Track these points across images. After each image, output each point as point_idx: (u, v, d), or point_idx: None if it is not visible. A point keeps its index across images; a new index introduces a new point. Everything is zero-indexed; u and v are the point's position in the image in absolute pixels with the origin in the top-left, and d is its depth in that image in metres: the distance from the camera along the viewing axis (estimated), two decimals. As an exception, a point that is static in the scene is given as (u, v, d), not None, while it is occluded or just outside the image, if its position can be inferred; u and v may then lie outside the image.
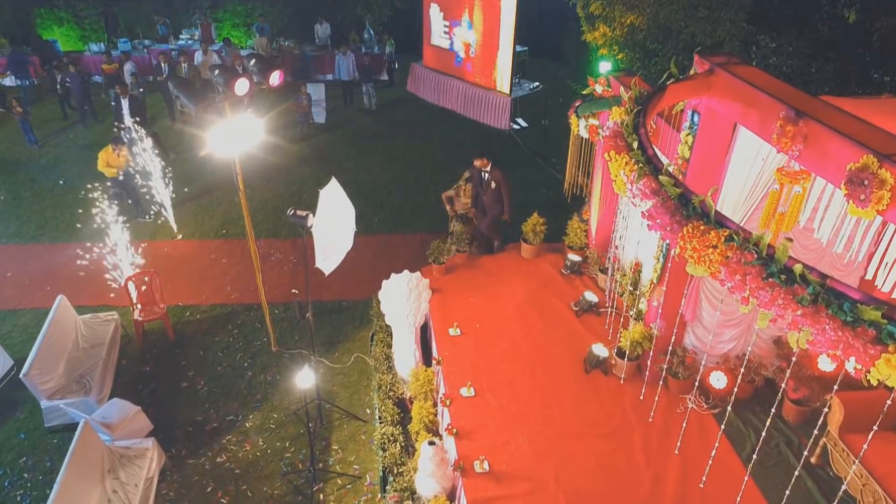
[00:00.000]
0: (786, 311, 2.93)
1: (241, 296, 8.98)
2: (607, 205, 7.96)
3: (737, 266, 3.07)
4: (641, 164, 3.75)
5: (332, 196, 5.43)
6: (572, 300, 7.79)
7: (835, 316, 2.78)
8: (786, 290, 2.92)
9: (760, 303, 3.04)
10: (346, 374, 7.70)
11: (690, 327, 6.43)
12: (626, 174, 3.86)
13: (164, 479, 6.36)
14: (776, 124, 4.14)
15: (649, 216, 3.64)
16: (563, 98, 15.98)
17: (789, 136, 3.99)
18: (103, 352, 7.38)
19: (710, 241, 3.16)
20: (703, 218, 3.34)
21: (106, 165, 9.95)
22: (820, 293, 2.86)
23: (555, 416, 6.24)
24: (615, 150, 4.02)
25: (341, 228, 5.60)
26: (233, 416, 7.10)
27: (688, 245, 3.28)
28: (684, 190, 3.54)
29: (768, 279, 2.98)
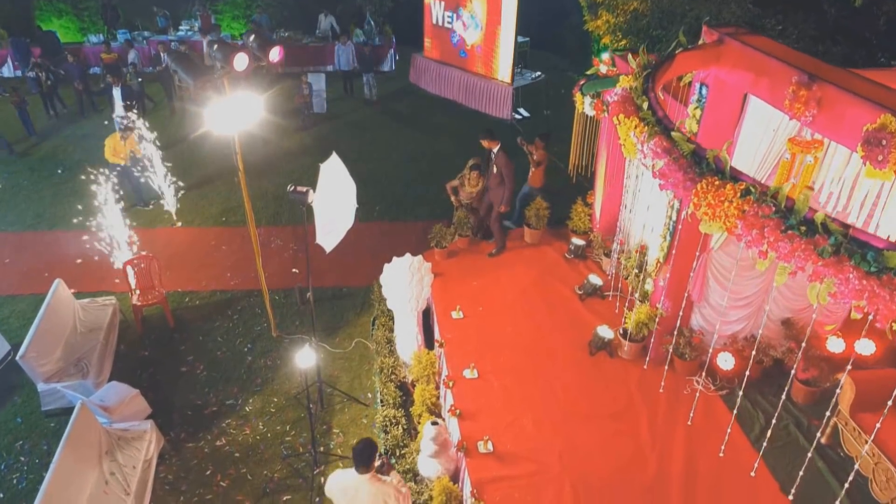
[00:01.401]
0: (806, 262, 2.83)
1: (240, 282, 8.88)
2: (612, 187, 7.85)
3: (754, 220, 2.96)
4: (652, 123, 3.65)
5: (332, 171, 5.33)
6: (576, 284, 7.69)
7: (858, 266, 2.67)
8: (806, 242, 2.82)
9: (780, 255, 2.93)
10: (348, 358, 7.60)
11: (697, 307, 6.32)
12: (637, 135, 3.75)
13: (163, 462, 6.26)
14: (788, 90, 4.03)
15: (661, 175, 3.54)
16: (565, 88, 15.90)
17: (802, 101, 3.88)
18: (101, 336, 7.28)
19: (725, 196, 3.05)
20: (717, 174, 3.24)
21: (112, 153, 9.86)
22: (842, 243, 2.75)
23: (559, 398, 6.14)
24: (624, 114, 3.92)
25: (342, 205, 5.49)
26: (232, 400, 7.00)
27: (702, 201, 3.18)
28: (697, 147, 3.44)
29: (787, 231, 2.88)
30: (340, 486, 4.40)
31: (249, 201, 6.86)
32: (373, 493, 4.29)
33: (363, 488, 4.30)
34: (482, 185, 8.48)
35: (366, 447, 4.30)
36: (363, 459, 4.27)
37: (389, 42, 17.52)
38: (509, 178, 7.78)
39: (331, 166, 5.32)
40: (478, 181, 8.46)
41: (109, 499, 5.43)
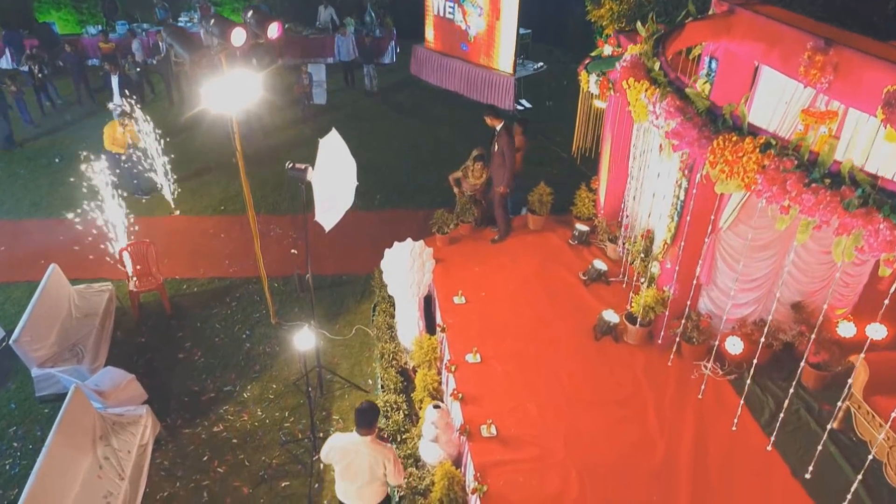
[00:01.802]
0: (832, 215, 2.69)
1: (239, 270, 8.75)
2: (617, 171, 7.71)
3: (775, 174, 2.82)
4: (664, 83, 3.51)
5: (332, 147, 5.19)
6: (580, 270, 7.55)
7: (889, 217, 2.53)
8: (832, 194, 2.68)
9: (803, 209, 2.80)
10: (348, 345, 7.47)
11: (705, 290, 6.18)
12: (648, 97, 3.62)
13: (159, 448, 6.13)
14: (803, 56, 3.90)
15: (675, 134, 3.40)
16: (567, 80, 15.84)
17: (818, 67, 3.75)
18: (97, 321, 7.15)
19: (744, 150, 2.92)
20: (734, 130, 3.10)
21: (111, 141, 9.73)
22: (871, 194, 2.61)
23: (563, 383, 6.00)
24: (634, 78, 3.79)
25: (342, 183, 5.35)
26: (230, 386, 6.87)
27: (719, 159, 3.03)
28: (712, 104, 3.30)
29: (811, 185, 2.75)
30: (340, 446, 4.41)
31: (248, 184, 6.73)
32: (372, 455, 4.30)
33: (363, 450, 4.31)
34: (486, 177, 8.32)
35: (369, 409, 4.32)
36: (365, 421, 4.29)
37: (390, 34, 17.38)
38: (510, 157, 7.62)
39: (330, 142, 5.18)
40: (482, 172, 8.30)
41: (103, 483, 5.30)
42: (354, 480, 4.41)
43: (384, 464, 4.31)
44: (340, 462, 4.40)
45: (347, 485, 4.48)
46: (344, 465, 4.39)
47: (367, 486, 4.41)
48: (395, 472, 4.39)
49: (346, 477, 4.44)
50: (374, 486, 4.46)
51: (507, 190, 7.84)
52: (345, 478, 4.45)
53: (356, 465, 4.34)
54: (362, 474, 4.36)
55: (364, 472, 4.35)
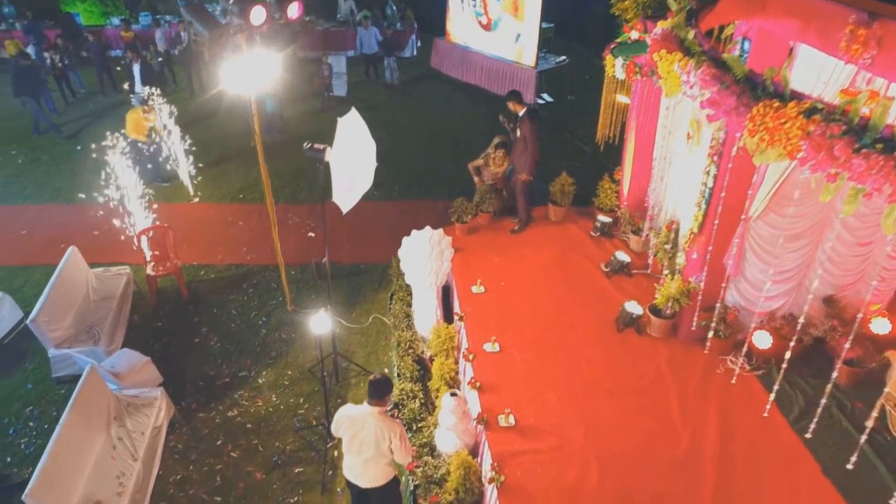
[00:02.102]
0: (885, 182, 2.52)
1: (256, 257, 8.71)
2: (641, 161, 7.53)
3: (821, 140, 2.66)
4: (699, 52, 3.36)
5: (351, 127, 5.09)
6: (602, 262, 7.38)
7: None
8: (885, 158, 2.51)
9: (853, 175, 2.63)
10: (364, 333, 7.38)
11: (733, 282, 5.99)
12: (681, 67, 3.46)
13: (173, 431, 6.09)
14: (844, 31, 3.70)
15: (711, 103, 3.24)
16: (590, 75, 15.65)
17: (861, 42, 3.56)
18: (114, 304, 7.14)
19: (787, 116, 2.75)
20: (775, 97, 2.94)
21: (134, 128, 9.75)
22: (929, 158, 2.44)
23: (583, 373, 5.85)
24: (666, 50, 3.63)
25: (361, 164, 5.25)
26: (245, 371, 6.81)
27: (759, 126, 2.87)
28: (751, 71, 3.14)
29: (861, 151, 2.58)
30: (348, 415, 4.39)
31: (265, 167, 6.65)
32: (379, 427, 4.26)
33: (370, 421, 4.27)
34: (508, 165, 8.18)
35: (382, 381, 4.30)
36: (378, 392, 4.27)
37: (411, 27, 17.30)
38: (532, 143, 7.46)
39: (350, 122, 5.08)
40: (503, 160, 8.15)
41: (116, 463, 5.26)
42: (360, 453, 4.35)
43: (390, 438, 4.24)
44: (347, 432, 4.35)
45: (353, 458, 4.42)
46: (350, 436, 4.34)
47: (372, 461, 4.34)
48: (401, 449, 4.31)
49: (351, 449, 4.38)
50: (380, 464, 4.39)
51: (529, 178, 7.69)
52: (350, 450, 4.39)
53: (362, 436, 4.29)
54: (367, 447, 4.30)
55: (370, 444, 4.29)
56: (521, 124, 7.52)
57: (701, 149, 6.15)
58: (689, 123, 6.36)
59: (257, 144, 6.43)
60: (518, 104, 7.56)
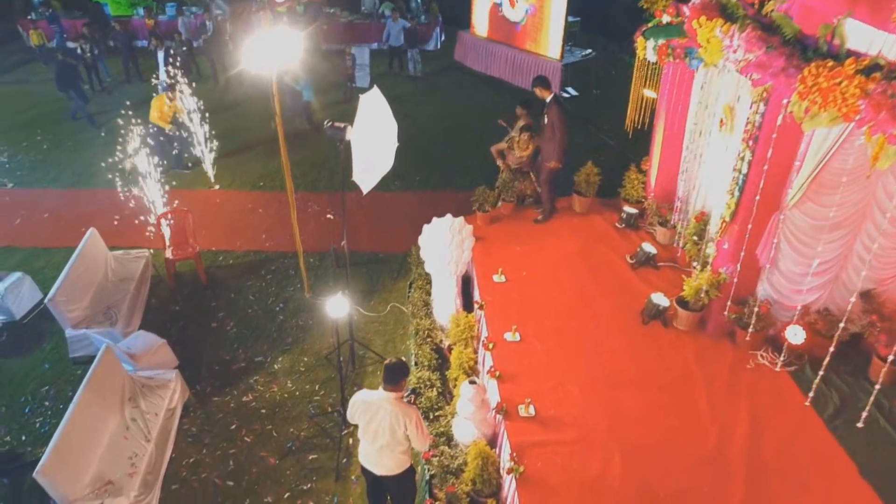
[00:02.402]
0: (954, 141, 2.32)
1: (275, 244, 8.64)
2: (670, 150, 7.30)
3: (881, 99, 2.45)
4: (742, 15, 3.16)
5: (373, 105, 4.96)
6: (628, 253, 7.17)
7: None
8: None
9: None
10: (382, 322, 7.25)
11: (766, 274, 5.74)
12: (724, 32, 3.26)
13: (188, 415, 6.02)
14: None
15: (758, 66, 3.04)
16: (616, 69, 15.39)
17: (915, 13, 3.32)
18: (132, 286, 7.10)
19: (843, 74, 2.55)
20: (830, 57, 2.73)
21: (158, 115, 9.77)
22: None
23: (607, 365, 5.65)
24: (706, 17, 3.44)
25: (382, 143, 5.11)
26: (261, 357, 6.73)
27: (811, 87, 2.67)
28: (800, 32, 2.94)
29: (926, 110, 2.38)
30: (363, 400, 4.25)
31: (285, 147, 6.54)
32: (394, 413, 4.11)
33: (385, 406, 4.13)
34: (532, 149, 8.00)
35: (398, 365, 4.17)
36: (393, 377, 4.13)
37: (435, 20, 17.17)
38: (560, 129, 7.26)
39: (371, 99, 4.95)
40: (528, 144, 7.98)
41: (129, 444, 5.19)
42: (375, 440, 4.21)
43: (405, 424, 4.09)
44: (362, 418, 4.21)
45: (368, 444, 4.29)
46: (365, 422, 4.20)
47: (387, 448, 4.20)
48: (417, 435, 4.15)
49: (366, 435, 4.25)
50: (395, 452, 4.25)
51: (559, 165, 7.49)
52: (365, 436, 4.26)
53: (377, 422, 4.15)
54: (382, 433, 4.15)
55: (384, 430, 4.14)
56: (549, 110, 7.33)
57: (734, 135, 5.93)
58: (722, 110, 6.14)
59: (278, 126, 6.33)
60: (545, 90, 7.37)
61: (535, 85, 7.44)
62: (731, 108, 5.94)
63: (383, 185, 9.97)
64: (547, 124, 7.37)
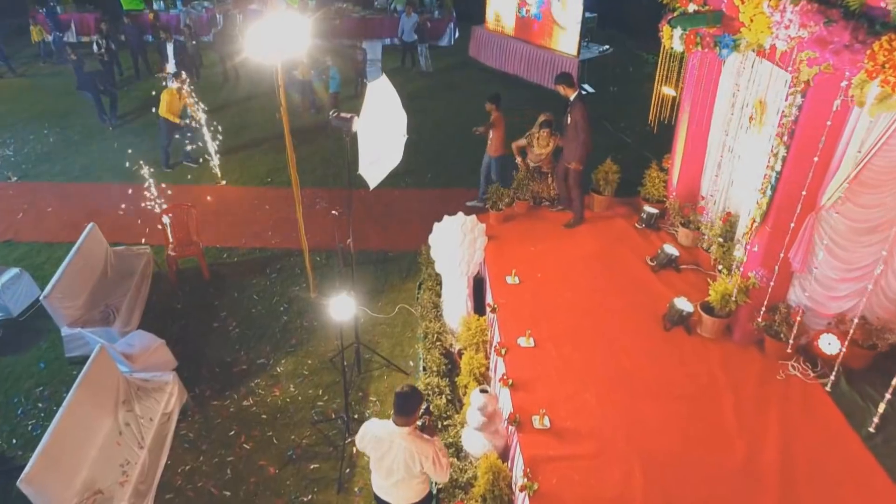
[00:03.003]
0: None
1: (281, 241, 8.38)
2: (694, 146, 6.94)
3: None
4: (795, -14, 2.84)
5: (381, 93, 4.67)
6: (648, 255, 6.82)
7: None
8: None
9: None
10: (390, 324, 6.96)
11: (798, 279, 5.38)
12: (772, 6, 2.93)
13: (185, 419, 5.76)
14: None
15: (817, 42, 2.71)
16: (633, 66, 15.01)
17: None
18: (132, 284, 6.86)
19: (922, 49, 2.22)
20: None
21: (168, 108, 9.52)
22: None
23: (627, 374, 5.32)
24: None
25: (390, 134, 4.82)
26: (264, 359, 6.46)
27: (883, 65, 2.32)
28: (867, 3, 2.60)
29: None
30: (374, 434, 3.80)
31: (290, 138, 6.27)
32: (409, 450, 3.65)
33: (398, 443, 3.68)
34: (553, 147, 7.66)
35: (410, 395, 3.68)
36: (405, 408, 3.66)
37: (449, 15, 16.86)
38: (584, 130, 6.88)
39: (380, 88, 4.66)
40: (548, 141, 7.64)
41: (121, 450, 4.94)
42: (388, 476, 3.79)
43: (421, 462, 3.66)
44: (374, 452, 3.81)
45: (381, 479, 3.88)
46: (377, 457, 3.79)
47: (403, 482, 3.79)
48: (436, 471, 3.73)
49: (379, 470, 3.84)
50: (411, 484, 3.84)
51: (579, 167, 7.14)
52: (378, 471, 3.85)
53: (389, 459, 3.73)
54: (397, 470, 3.73)
55: (399, 468, 3.72)
56: (573, 109, 6.97)
57: (765, 131, 5.58)
58: (752, 104, 5.79)
59: (283, 119, 6.06)
60: (569, 87, 7.01)
61: (559, 82, 7.10)
62: (762, 102, 5.59)
63: (393, 182, 9.79)
64: (570, 124, 7.02)
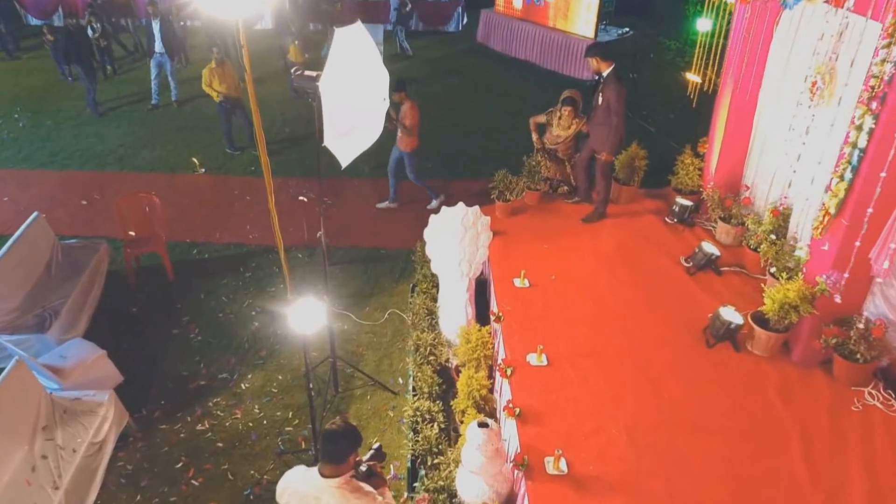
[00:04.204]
0: None
1: (260, 236, 7.41)
2: (737, 126, 5.89)
3: None
4: None
5: (353, 44, 3.66)
6: (683, 255, 5.78)
7: None
8: None
9: None
10: (377, 332, 5.98)
11: (879, 286, 4.33)
12: None
13: (126, 447, 4.80)
14: None
15: None
16: (654, 52, 13.97)
17: None
18: (78, 283, 5.90)
19: None
20: None
21: (206, 83, 8.71)
22: None
23: (663, 402, 4.29)
24: None
25: (365, 98, 3.81)
26: (227, 373, 5.49)
27: None
28: None
29: None
30: (295, 491, 2.80)
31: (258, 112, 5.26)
32: None
33: (326, 499, 2.67)
34: (575, 130, 6.60)
35: (341, 434, 2.71)
36: (335, 453, 2.71)
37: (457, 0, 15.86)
38: (618, 113, 5.81)
39: (351, 36, 3.64)
40: (570, 122, 6.57)
41: (31, 493, 3.96)
42: None
43: None
44: None
45: None
46: None
47: None
48: None
49: None
50: None
51: (610, 158, 6.09)
52: None
53: None
54: None
55: None
56: (606, 87, 5.90)
57: (833, 102, 4.53)
58: (814, 69, 4.74)
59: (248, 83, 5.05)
60: (602, 60, 5.92)
61: (591, 54, 6.01)
62: (831, 67, 4.54)
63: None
64: (601, 105, 5.95)
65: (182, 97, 10.94)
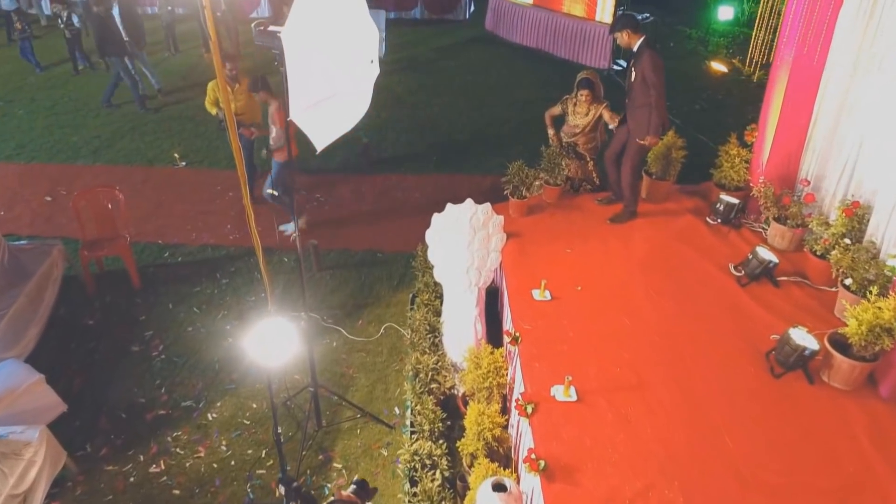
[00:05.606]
0: None
1: (242, 237, 6.57)
2: (794, 112, 5.00)
3: None
4: None
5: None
6: (730, 261, 4.89)
7: None
8: None
9: None
10: (371, 351, 5.12)
11: None
12: None
13: (61, 495, 3.95)
14: None
15: None
16: (674, 42, 13.14)
17: None
18: (25, 292, 5.06)
19: None
20: None
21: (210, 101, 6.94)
22: None
23: (728, 451, 3.39)
24: None
25: (345, 61, 2.94)
26: (191, 401, 4.64)
27: None
28: None
29: None
30: None
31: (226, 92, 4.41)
32: None
33: None
34: (594, 117, 5.71)
35: None
36: None
37: None
38: (655, 85, 4.92)
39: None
40: (587, 109, 5.69)
41: (-79, 564, 3.11)
42: None
43: None
44: None
45: None
46: None
47: None
48: None
49: None
50: None
51: (655, 141, 5.18)
52: None
53: None
54: None
55: None
56: (638, 61, 5.00)
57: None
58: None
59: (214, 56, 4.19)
60: (634, 33, 5.02)
61: (619, 28, 5.07)
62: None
63: (391, 168, 7.94)
64: (636, 81, 5.05)
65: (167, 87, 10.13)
